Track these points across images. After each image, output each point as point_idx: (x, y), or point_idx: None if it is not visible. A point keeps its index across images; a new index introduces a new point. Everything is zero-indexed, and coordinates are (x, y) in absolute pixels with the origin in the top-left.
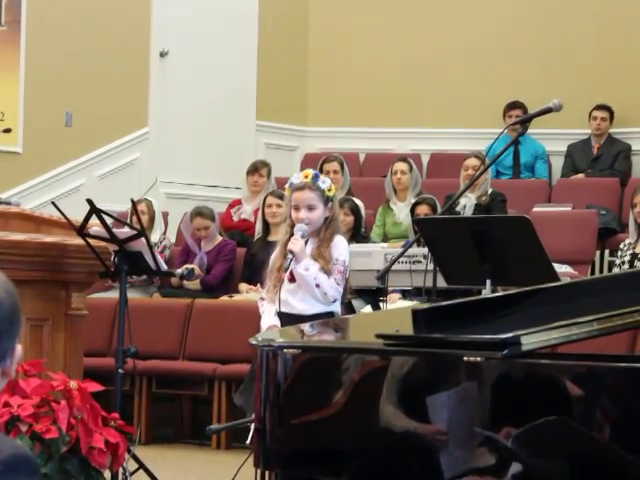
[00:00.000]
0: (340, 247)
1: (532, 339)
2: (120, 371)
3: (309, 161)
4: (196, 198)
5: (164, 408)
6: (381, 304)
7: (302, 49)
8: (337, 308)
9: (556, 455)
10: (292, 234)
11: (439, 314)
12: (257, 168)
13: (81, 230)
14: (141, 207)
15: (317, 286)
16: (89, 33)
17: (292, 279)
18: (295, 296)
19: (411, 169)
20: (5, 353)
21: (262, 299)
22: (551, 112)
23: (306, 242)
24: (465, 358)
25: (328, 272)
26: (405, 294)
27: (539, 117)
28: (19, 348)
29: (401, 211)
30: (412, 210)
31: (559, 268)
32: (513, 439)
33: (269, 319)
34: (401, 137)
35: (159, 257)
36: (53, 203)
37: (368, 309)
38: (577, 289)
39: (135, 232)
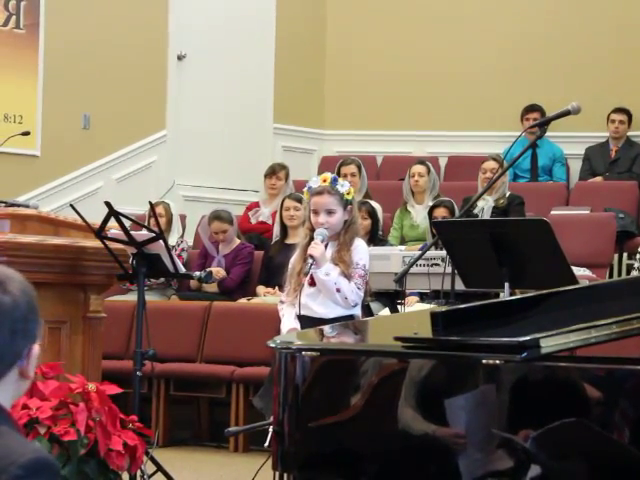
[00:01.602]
0: (360, 251)
1: (551, 342)
2: (138, 374)
3: (326, 164)
4: (213, 201)
5: (182, 411)
6: (399, 307)
7: (319, 52)
8: (357, 312)
9: (575, 458)
10: (311, 238)
11: (457, 317)
12: (275, 171)
13: (99, 233)
14: (159, 210)
15: (338, 291)
16: (107, 36)
17: (312, 283)
18: (315, 300)
19: (429, 172)
20: (21, 353)
21: (282, 302)
22: (569, 115)
23: (326, 245)
24: (484, 361)
25: (348, 276)
26: (423, 297)
27: (557, 120)
28: (36, 349)
29: (418, 214)
30: (430, 213)
31: (577, 271)
32: (532, 442)
33: (289, 322)
34: (419, 140)
35: (177, 260)
36: (72, 206)
37: (386, 312)
38: (596, 292)
39: (153, 235)
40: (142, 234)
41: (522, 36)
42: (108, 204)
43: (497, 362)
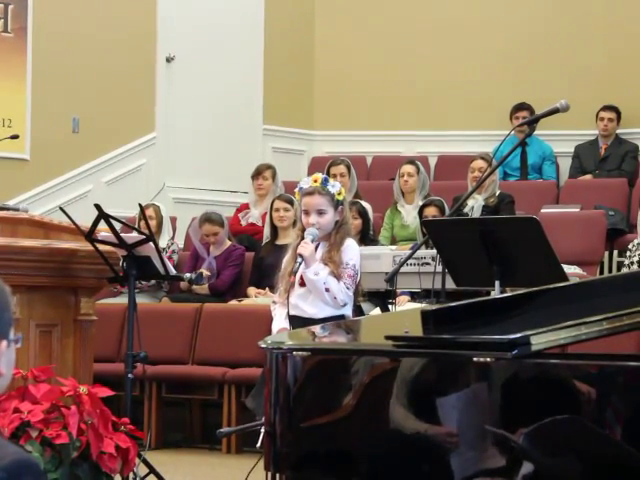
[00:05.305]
0: (350, 251)
1: (541, 339)
2: (130, 376)
3: (316, 165)
4: (204, 203)
5: (174, 413)
6: (390, 306)
7: (308, 53)
8: (348, 311)
9: (567, 454)
10: (303, 238)
11: (448, 315)
12: (260, 171)
13: (89, 235)
14: (149, 212)
15: (327, 290)
16: (95, 39)
17: (302, 283)
18: (305, 300)
19: (418, 171)
20: None
21: (274, 303)
22: (558, 113)
23: (317, 246)
24: (475, 359)
25: (338, 276)
26: (414, 296)
27: (546, 118)
28: (4, 345)
29: (409, 214)
30: (420, 212)
31: (568, 269)
32: (524, 439)
33: (280, 322)
34: (408, 140)
35: (167, 262)
36: (61, 209)
37: (377, 311)
38: (586, 289)
39: (143, 237)
40: (132, 236)
41: (511, 35)
42: (98, 207)
43: (488, 360)
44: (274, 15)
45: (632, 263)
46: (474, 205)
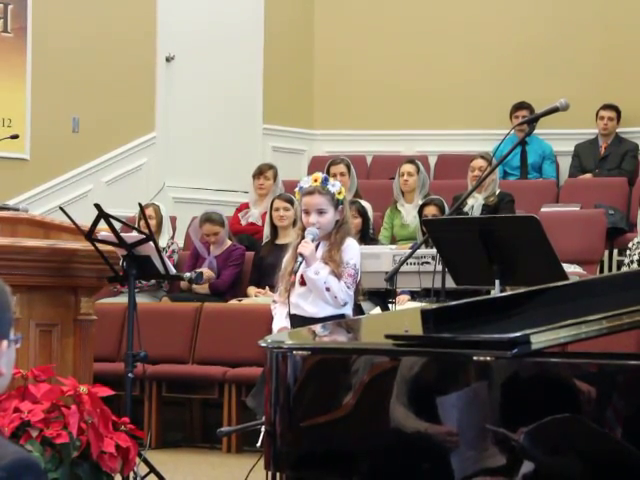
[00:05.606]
0: (351, 250)
1: (541, 338)
2: (130, 376)
3: (316, 164)
4: (204, 202)
5: (174, 412)
6: (390, 306)
7: (308, 52)
8: (348, 311)
9: (567, 453)
10: (303, 238)
11: (448, 314)
12: (262, 171)
13: (89, 235)
14: (149, 212)
15: (327, 290)
16: (95, 39)
17: (303, 282)
18: (306, 299)
19: (418, 171)
20: None
21: (275, 302)
22: (558, 112)
23: (317, 245)
24: (475, 358)
25: (338, 275)
26: (414, 295)
27: (546, 117)
28: (4, 344)
29: (409, 213)
30: (420, 211)
31: (568, 268)
32: (524, 438)
33: (280, 321)
34: (408, 139)
35: (167, 261)
36: (61, 208)
37: (377, 311)
38: (586, 288)
39: (143, 236)
40: (132, 236)
41: (510, 34)
42: (98, 206)
43: (488, 358)
44: (274, 15)
45: (632, 262)
46: (474, 204)
